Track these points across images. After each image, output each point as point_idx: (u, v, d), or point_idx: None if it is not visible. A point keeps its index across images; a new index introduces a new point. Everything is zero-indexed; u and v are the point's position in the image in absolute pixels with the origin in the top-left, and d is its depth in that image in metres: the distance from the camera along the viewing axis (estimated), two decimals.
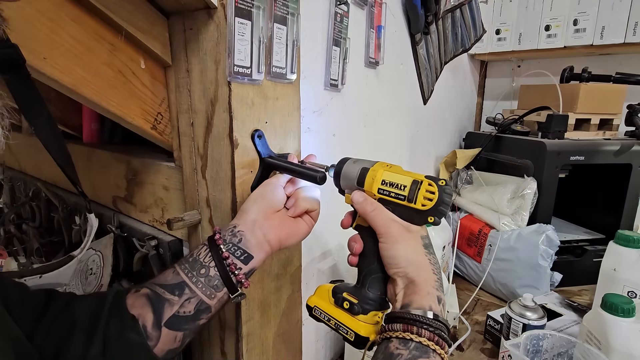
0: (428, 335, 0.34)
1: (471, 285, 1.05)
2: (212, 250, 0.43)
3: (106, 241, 0.70)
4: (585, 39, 1.13)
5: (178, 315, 0.41)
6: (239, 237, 0.44)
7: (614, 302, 0.59)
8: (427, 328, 0.35)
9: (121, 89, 0.48)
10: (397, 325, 0.36)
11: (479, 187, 1.10)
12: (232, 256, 0.43)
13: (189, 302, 0.42)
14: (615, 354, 0.58)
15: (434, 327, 0.35)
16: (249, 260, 0.43)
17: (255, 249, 0.44)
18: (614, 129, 1.10)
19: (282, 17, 0.49)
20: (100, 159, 0.73)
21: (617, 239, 0.75)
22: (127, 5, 0.44)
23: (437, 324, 0.35)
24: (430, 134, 1.11)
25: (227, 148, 0.47)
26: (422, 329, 0.35)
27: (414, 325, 0.35)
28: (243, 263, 0.43)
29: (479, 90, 1.50)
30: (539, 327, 0.67)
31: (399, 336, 0.35)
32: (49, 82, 0.42)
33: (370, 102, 0.77)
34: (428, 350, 0.34)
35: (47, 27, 0.39)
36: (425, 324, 0.35)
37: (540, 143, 0.96)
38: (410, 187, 0.40)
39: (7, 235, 1.04)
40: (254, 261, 0.44)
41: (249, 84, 0.47)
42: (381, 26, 0.74)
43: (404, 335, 0.35)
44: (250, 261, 0.43)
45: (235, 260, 0.43)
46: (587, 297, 0.96)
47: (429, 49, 0.96)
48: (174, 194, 0.58)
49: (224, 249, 0.43)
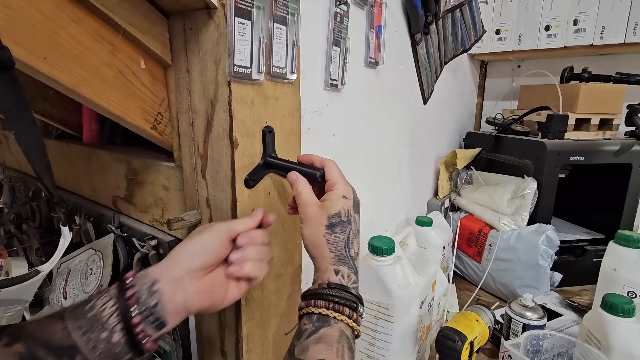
0: (324, 304, 0.37)
1: (471, 285, 1.05)
2: (121, 309, 0.34)
3: (106, 241, 0.70)
4: (585, 39, 1.13)
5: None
6: (155, 300, 0.35)
7: (614, 302, 0.59)
8: (325, 298, 0.38)
9: (121, 89, 0.48)
10: (302, 303, 0.39)
11: (479, 187, 1.10)
12: (144, 322, 0.34)
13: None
14: (615, 354, 0.58)
15: (331, 295, 0.38)
16: (162, 328, 0.36)
17: (171, 316, 0.36)
18: (614, 129, 1.10)
19: (282, 17, 0.49)
20: (100, 159, 0.73)
21: (617, 239, 0.75)
22: (127, 5, 0.43)
23: (333, 292, 0.38)
24: (430, 134, 1.11)
25: (227, 148, 0.47)
26: (319, 300, 0.38)
27: (311, 299, 0.38)
28: (155, 330, 0.35)
29: (479, 90, 1.50)
30: (539, 327, 0.67)
31: (305, 312, 0.38)
32: (49, 82, 0.42)
33: (370, 102, 0.77)
34: (328, 318, 0.37)
35: (47, 27, 0.39)
36: (322, 296, 0.38)
37: (540, 143, 0.96)
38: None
39: (7, 235, 1.04)
40: (167, 328, 0.36)
41: (249, 84, 0.47)
42: (381, 26, 0.74)
43: (306, 310, 0.38)
44: (162, 329, 0.36)
45: (147, 327, 0.34)
46: (587, 297, 0.96)
47: (429, 49, 0.96)
48: (174, 194, 0.58)
49: (137, 311, 0.34)
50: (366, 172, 0.80)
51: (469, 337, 0.58)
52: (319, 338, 0.36)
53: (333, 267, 0.40)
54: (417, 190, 1.07)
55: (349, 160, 0.73)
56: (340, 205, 0.43)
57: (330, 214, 0.42)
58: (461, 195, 1.15)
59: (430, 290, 0.70)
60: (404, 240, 0.78)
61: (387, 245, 0.63)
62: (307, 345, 0.36)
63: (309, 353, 0.35)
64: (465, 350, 0.58)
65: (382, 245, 0.63)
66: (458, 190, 1.16)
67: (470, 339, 0.59)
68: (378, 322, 0.64)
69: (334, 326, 0.37)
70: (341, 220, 0.42)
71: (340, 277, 0.40)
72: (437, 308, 0.79)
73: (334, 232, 0.42)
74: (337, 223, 0.42)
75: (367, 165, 0.80)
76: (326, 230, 0.41)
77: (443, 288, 0.83)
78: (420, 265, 0.70)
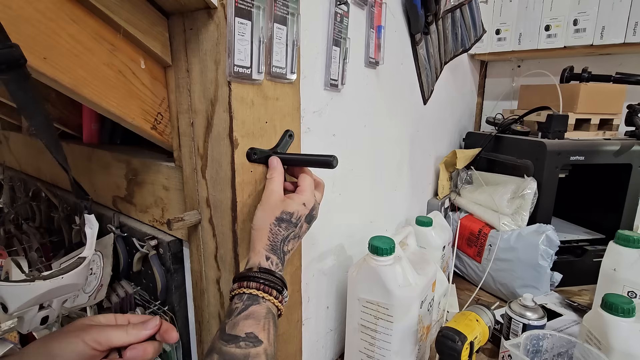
0: (255, 285, 0.41)
1: (471, 285, 1.05)
2: None
3: (106, 241, 0.70)
4: (585, 39, 1.13)
5: None
6: None
7: (614, 302, 0.59)
8: (256, 280, 0.42)
9: (121, 89, 0.48)
10: (235, 285, 0.43)
11: (479, 187, 1.10)
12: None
13: None
14: (615, 354, 0.58)
15: (261, 278, 0.42)
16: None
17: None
18: (614, 129, 1.10)
19: (282, 17, 0.49)
20: (100, 159, 0.73)
21: (617, 239, 0.75)
22: (127, 5, 0.44)
23: (264, 276, 0.42)
24: (430, 134, 1.11)
25: (227, 148, 0.47)
26: (250, 282, 0.42)
27: (243, 281, 0.42)
28: None
29: (479, 90, 1.50)
30: (539, 327, 0.67)
31: (236, 293, 0.42)
32: (49, 82, 0.42)
33: (370, 102, 0.77)
34: (258, 298, 0.41)
35: (47, 27, 0.39)
36: (253, 278, 0.42)
37: (540, 143, 0.96)
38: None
39: (7, 235, 1.04)
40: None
41: (249, 84, 0.47)
42: (381, 26, 0.74)
43: (239, 291, 0.42)
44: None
45: None
46: (587, 297, 0.96)
47: (429, 49, 0.96)
48: (174, 194, 0.58)
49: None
50: (366, 172, 0.80)
51: (469, 337, 0.58)
52: (248, 314, 0.40)
53: (265, 253, 0.45)
54: (417, 190, 1.07)
55: (349, 160, 0.73)
56: (297, 208, 0.47)
57: (285, 210, 0.46)
58: (461, 195, 1.15)
59: (430, 290, 0.70)
60: (404, 240, 0.78)
61: (387, 245, 0.63)
62: (237, 322, 0.39)
63: (239, 328, 0.38)
64: (465, 350, 0.58)
65: (382, 245, 0.63)
66: (458, 190, 1.16)
67: (470, 339, 0.59)
68: (378, 322, 0.64)
69: (262, 304, 0.41)
70: (291, 220, 0.46)
71: (270, 263, 0.44)
72: (437, 308, 0.79)
73: (279, 226, 0.46)
74: (286, 220, 0.46)
75: (367, 165, 0.80)
76: (274, 221, 0.46)
77: (443, 288, 0.83)
78: (420, 265, 0.70)
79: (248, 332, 0.38)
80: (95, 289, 0.70)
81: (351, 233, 0.78)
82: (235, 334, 0.38)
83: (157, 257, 0.63)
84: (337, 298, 0.76)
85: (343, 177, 0.72)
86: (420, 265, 0.70)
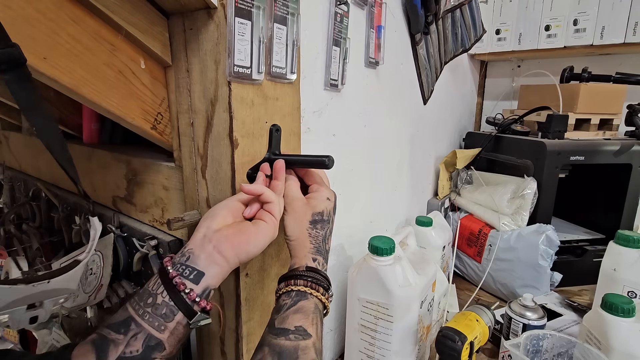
0: (303, 283, 0.43)
1: (471, 285, 1.05)
2: (161, 274, 0.39)
3: (106, 241, 0.70)
4: (585, 39, 1.13)
5: (124, 357, 0.37)
6: (187, 256, 0.40)
7: (614, 302, 0.59)
8: (304, 278, 0.43)
9: (121, 89, 0.48)
10: (282, 284, 0.44)
11: (479, 187, 1.10)
12: (180, 276, 0.39)
13: (136, 339, 0.37)
14: (615, 354, 0.58)
15: (309, 277, 0.43)
16: (200, 278, 0.39)
17: (205, 264, 0.40)
18: (614, 129, 1.10)
19: (282, 17, 0.49)
20: (100, 159, 0.73)
21: (617, 239, 0.75)
22: (127, 5, 0.44)
23: (310, 274, 0.43)
24: (430, 134, 1.11)
25: (227, 148, 0.47)
26: (298, 279, 0.43)
27: (291, 279, 0.43)
28: (193, 282, 0.39)
29: (479, 90, 1.50)
30: (539, 327, 0.67)
31: (284, 292, 0.43)
32: (49, 82, 0.42)
33: (370, 102, 0.77)
34: (306, 294, 0.42)
35: (47, 27, 0.39)
36: (301, 276, 0.43)
37: (540, 143, 0.96)
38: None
39: (7, 235, 1.04)
40: (207, 278, 0.40)
41: (249, 84, 0.47)
42: (381, 26, 0.74)
43: (286, 289, 0.43)
44: (201, 279, 0.39)
45: (184, 280, 0.39)
46: (587, 297, 0.96)
47: (429, 49, 0.96)
48: (174, 194, 0.58)
49: (172, 269, 0.39)
50: (366, 172, 0.80)
51: (469, 337, 0.58)
52: (297, 309, 0.41)
53: (311, 256, 0.46)
54: (417, 190, 1.07)
55: (349, 160, 0.73)
56: (324, 205, 0.48)
57: (315, 212, 0.47)
58: (461, 195, 1.15)
59: (430, 290, 0.70)
60: (404, 240, 0.78)
61: (387, 245, 0.63)
62: (287, 316, 0.40)
63: (288, 321, 0.40)
64: (465, 350, 0.58)
65: (382, 245, 0.63)
66: (458, 190, 1.16)
67: (470, 339, 0.59)
68: (378, 322, 0.64)
69: (310, 300, 0.42)
70: (323, 218, 0.48)
71: (317, 264, 0.46)
72: (437, 308, 0.79)
73: (315, 228, 0.47)
74: (319, 220, 0.47)
75: (367, 165, 0.80)
76: (309, 225, 0.47)
77: (443, 288, 0.83)
78: (420, 265, 0.70)
79: (297, 326, 0.39)
80: (95, 289, 0.70)
81: (351, 233, 0.78)
82: (285, 327, 0.39)
83: (157, 257, 0.63)
84: (337, 298, 0.76)
85: (343, 177, 0.72)
86: (420, 265, 0.70)
